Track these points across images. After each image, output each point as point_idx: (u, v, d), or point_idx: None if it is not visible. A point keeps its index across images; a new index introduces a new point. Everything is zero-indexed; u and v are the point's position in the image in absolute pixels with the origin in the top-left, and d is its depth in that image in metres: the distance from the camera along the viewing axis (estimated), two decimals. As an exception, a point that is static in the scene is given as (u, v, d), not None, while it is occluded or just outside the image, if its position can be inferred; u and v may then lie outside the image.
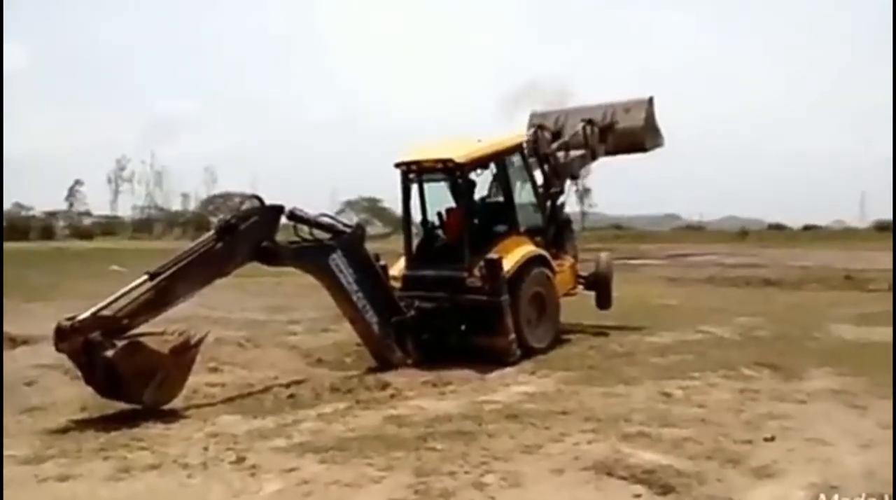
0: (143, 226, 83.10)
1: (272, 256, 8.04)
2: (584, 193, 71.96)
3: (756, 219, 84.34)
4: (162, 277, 7.16)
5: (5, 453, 5.63)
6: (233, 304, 14.14)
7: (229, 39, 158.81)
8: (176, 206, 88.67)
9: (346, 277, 8.49)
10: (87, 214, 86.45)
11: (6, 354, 10.04)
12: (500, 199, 10.37)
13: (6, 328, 11.21)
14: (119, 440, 5.90)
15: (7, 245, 55.60)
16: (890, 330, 10.82)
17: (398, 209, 10.58)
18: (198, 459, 5.45)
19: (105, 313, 6.80)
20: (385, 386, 7.80)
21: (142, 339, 6.82)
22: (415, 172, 10.00)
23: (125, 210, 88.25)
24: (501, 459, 5.33)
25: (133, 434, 6.08)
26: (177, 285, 7.22)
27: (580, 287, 11.31)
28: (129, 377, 6.57)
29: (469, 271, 9.31)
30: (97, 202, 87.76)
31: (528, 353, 9.29)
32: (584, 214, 74.18)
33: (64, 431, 6.27)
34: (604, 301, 11.40)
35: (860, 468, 5.05)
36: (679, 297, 16.35)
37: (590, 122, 11.95)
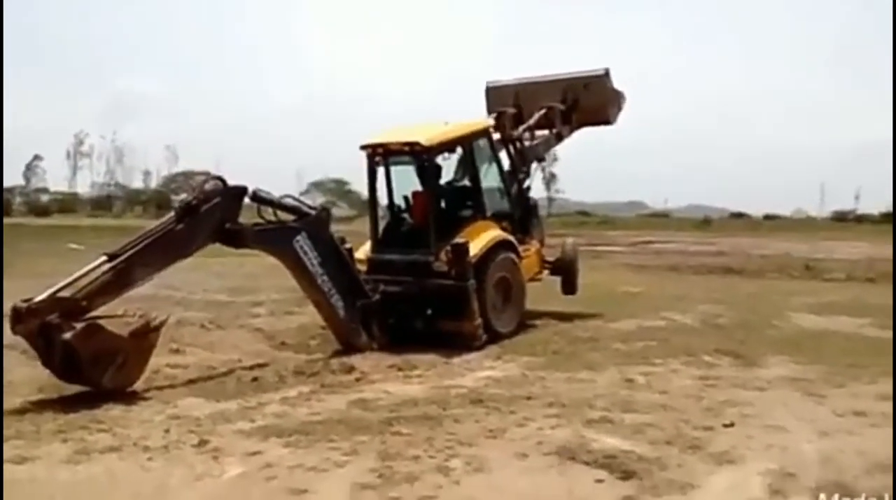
0: (102, 203, 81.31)
1: (235, 237, 7.92)
2: (550, 179, 72.39)
3: (719, 208, 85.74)
4: (121, 258, 7.00)
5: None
6: (195, 284, 13.94)
7: (197, 20, 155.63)
8: (137, 183, 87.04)
9: (311, 259, 8.39)
10: (45, 190, 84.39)
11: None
12: (467, 183, 10.35)
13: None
14: (78, 422, 5.79)
15: (-39, 221, 54.15)
16: (848, 319, 11.14)
17: (365, 192, 10.51)
18: (159, 442, 5.37)
19: (63, 294, 6.64)
20: (350, 370, 7.77)
21: (101, 321, 6.67)
22: (381, 155, 9.94)
23: (84, 187, 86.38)
24: (466, 444, 5.35)
25: (92, 416, 5.97)
26: (136, 267, 7.06)
27: (546, 272, 11.35)
28: (88, 361, 6.43)
29: (435, 255, 9.29)
30: (55, 179, 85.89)
31: (494, 338, 9.33)
32: (550, 199, 74.53)
33: (21, 412, 6.13)
34: (569, 287, 11.45)
35: (817, 455, 5.16)
36: (643, 284, 16.54)
37: (551, 107, 11.89)
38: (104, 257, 6.99)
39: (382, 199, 10.39)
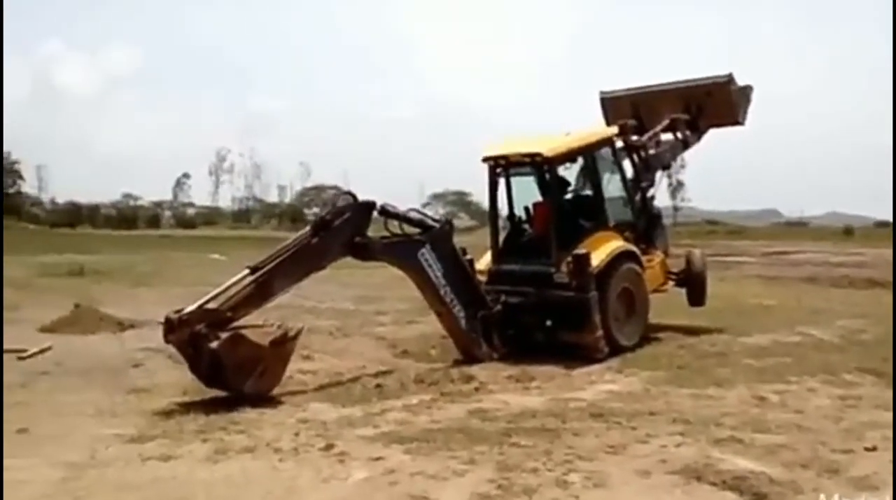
0: (241, 216, 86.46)
1: (364, 250, 8.22)
2: (676, 187, 70.17)
3: (862, 215, 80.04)
4: (262, 271, 7.47)
5: (113, 431, 6.02)
6: (324, 294, 14.52)
7: (316, 44, 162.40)
8: (272, 197, 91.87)
9: (435, 271, 8.59)
10: (191, 204, 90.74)
11: (116, 336, 10.72)
12: (588, 193, 10.21)
13: (116, 312, 11.96)
14: (217, 423, 6.19)
15: (116, 233, 59.02)
16: None
17: (485, 203, 10.59)
18: (289, 444, 5.65)
19: (210, 306, 7.13)
20: (469, 379, 7.86)
21: (244, 331, 7.11)
22: (502, 166, 9.98)
23: (225, 201, 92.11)
24: (586, 458, 5.28)
25: (230, 418, 6.36)
26: (275, 280, 7.52)
27: (671, 284, 11.02)
28: (232, 368, 6.88)
29: (556, 266, 9.24)
30: (200, 194, 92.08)
31: (616, 350, 9.16)
32: (675, 208, 72.21)
33: (167, 413, 6.62)
34: (697, 298, 11.05)
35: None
36: (777, 297, 15.70)
37: (675, 119, 11.51)
38: (247, 271, 7.47)
39: (503, 210, 10.44)
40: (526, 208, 10.20)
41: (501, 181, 10.11)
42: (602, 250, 9.38)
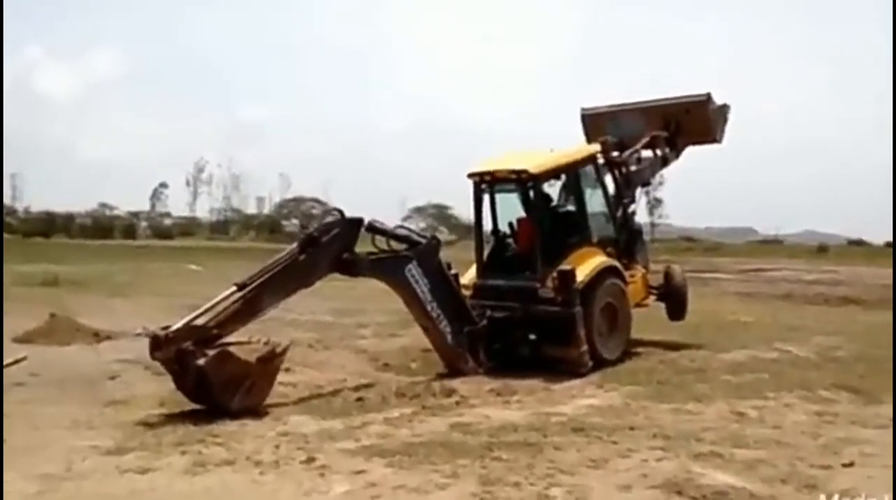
0: (219, 227, 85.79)
1: (352, 267, 8.26)
2: (654, 204, 70.78)
3: (836, 234, 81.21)
4: (249, 288, 7.44)
5: (90, 443, 5.93)
6: (305, 307, 14.42)
7: (302, 51, 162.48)
8: (251, 209, 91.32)
9: (422, 287, 8.63)
10: (168, 215, 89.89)
11: (92, 347, 10.58)
12: (571, 208, 10.33)
13: (92, 323, 11.80)
14: (196, 436, 6.13)
15: (92, 243, 58.31)
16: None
17: (465, 217, 10.71)
18: (270, 457, 5.60)
19: (197, 322, 7.10)
20: (451, 393, 7.86)
21: (230, 348, 7.10)
22: (487, 183, 10.06)
23: (203, 212, 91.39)
24: (567, 472, 5.29)
25: (209, 430, 6.29)
26: (263, 296, 7.52)
27: (652, 298, 11.13)
28: (219, 385, 6.85)
29: (541, 281, 9.32)
30: (178, 204, 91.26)
31: (599, 364, 9.21)
32: (653, 225, 72.80)
33: (144, 424, 6.53)
34: (678, 312, 11.18)
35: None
36: (753, 313, 15.87)
37: (655, 136, 11.70)
38: (234, 288, 7.43)
39: (486, 225, 10.50)
40: (510, 224, 10.28)
41: (486, 197, 10.17)
42: (586, 265, 9.46)
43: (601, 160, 10.74)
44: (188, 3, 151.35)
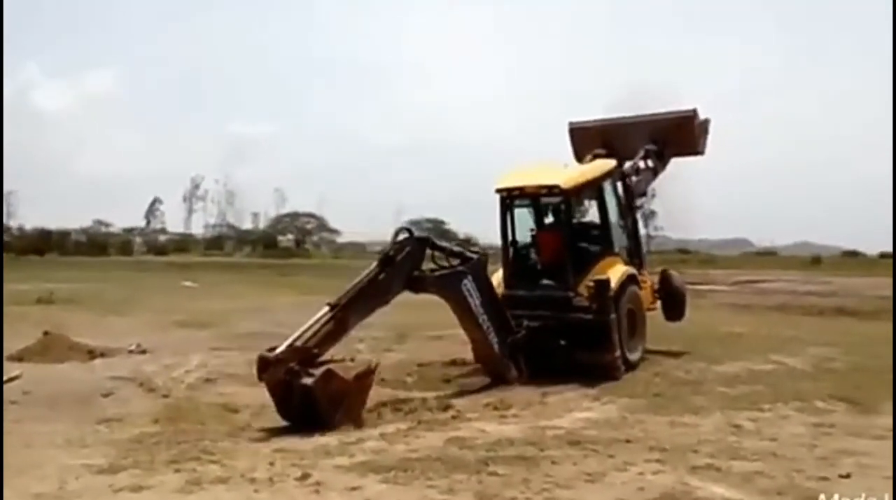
0: (214, 243, 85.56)
1: (419, 283, 8.55)
2: (649, 216, 70.80)
3: (830, 245, 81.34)
4: (339, 307, 7.69)
5: (84, 462, 5.87)
6: (297, 324, 14.38)
7: (298, 68, 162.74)
8: (247, 224, 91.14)
9: (475, 300, 8.89)
10: (163, 231, 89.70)
11: (86, 365, 10.53)
12: (589, 219, 10.84)
13: (86, 340, 11.75)
14: (190, 453, 6.08)
15: (87, 259, 58.12)
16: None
17: (462, 232, 10.89)
18: (264, 474, 5.56)
19: (297, 343, 7.29)
20: (446, 408, 7.84)
21: (331, 366, 7.25)
22: (516, 197, 10.39)
23: (198, 228, 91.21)
24: (564, 486, 5.28)
25: (203, 447, 6.25)
26: (350, 315, 7.79)
27: (658, 303, 11.50)
28: (324, 403, 6.97)
29: (574, 290, 9.66)
30: (173, 220, 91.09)
31: (627, 368, 9.59)
32: (649, 236, 72.87)
33: (138, 442, 6.48)
34: (677, 312, 11.49)
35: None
36: (748, 325, 15.89)
37: (649, 151, 12.08)
38: (326, 308, 7.69)
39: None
40: (532, 236, 10.61)
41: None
42: (613, 273, 9.86)
43: None
44: (183, 20, 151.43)
